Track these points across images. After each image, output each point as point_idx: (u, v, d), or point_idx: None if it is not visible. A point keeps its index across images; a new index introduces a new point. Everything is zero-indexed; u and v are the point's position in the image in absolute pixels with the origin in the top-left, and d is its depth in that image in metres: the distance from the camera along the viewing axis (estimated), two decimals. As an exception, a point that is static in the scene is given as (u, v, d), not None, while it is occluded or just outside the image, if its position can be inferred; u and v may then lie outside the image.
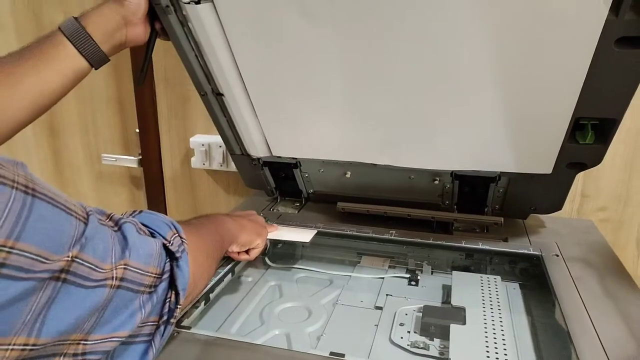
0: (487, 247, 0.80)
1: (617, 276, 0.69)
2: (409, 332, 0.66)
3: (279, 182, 0.98)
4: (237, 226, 0.71)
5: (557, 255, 0.75)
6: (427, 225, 0.88)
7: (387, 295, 0.77)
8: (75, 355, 0.35)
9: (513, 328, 0.64)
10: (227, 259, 0.76)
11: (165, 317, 0.43)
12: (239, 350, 0.53)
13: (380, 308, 0.73)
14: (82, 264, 0.33)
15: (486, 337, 0.61)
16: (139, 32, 0.65)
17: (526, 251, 0.78)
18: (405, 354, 0.62)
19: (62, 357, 0.34)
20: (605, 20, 0.44)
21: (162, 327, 0.43)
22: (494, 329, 0.63)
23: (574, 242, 0.81)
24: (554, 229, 0.86)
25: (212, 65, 0.72)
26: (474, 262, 0.84)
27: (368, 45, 0.59)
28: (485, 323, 0.64)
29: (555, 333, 0.60)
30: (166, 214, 1.26)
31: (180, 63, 0.74)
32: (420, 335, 0.65)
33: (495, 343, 0.60)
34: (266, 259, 0.86)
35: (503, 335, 0.62)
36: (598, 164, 0.66)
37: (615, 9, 0.43)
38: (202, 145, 1.11)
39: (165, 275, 0.43)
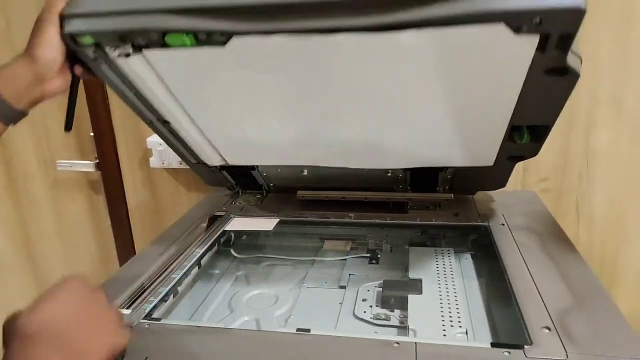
0: (440, 222, 0.85)
1: (557, 240, 0.75)
2: (371, 306, 0.70)
3: (238, 179, 0.99)
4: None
5: (503, 225, 0.81)
6: (383, 206, 0.93)
7: (349, 274, 0.81)
8: None
9: (465, 293, 0.69)
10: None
11: None
12: (209, 335, 0.56)
13: (343, 287, 0.77)
14: None
15: (441, 304, 0.66)
16: (57, 84, 0.58)
17: (475, 223, 0.84)
18: (368, 326, 0.66)
19: None
20: (533, 56, 0.50)
21: None
22: (448, 296, 0.68)
23: (519, 212, 0.87)
24: (500, 201, 0.92)
25: (152, 100, 0.69)
26: (429, 238, 0.89)
27: (309, 70, 0.59)
28: (440, 291, 0.69)
29: (502, 294, 0.65)
30: (128, 217, 1.26)
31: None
32: (382, 308, 0.69)
33: (449, 308, 0.65)
34: (231, 250, 0.88)
35: (457, 300, 0.67)
36: (535, 156, 0.72)
37: (541, 48, 0.48)
38: (160, 144, 1.11)
39: None
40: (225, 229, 0.87)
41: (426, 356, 0.50)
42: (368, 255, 0.87)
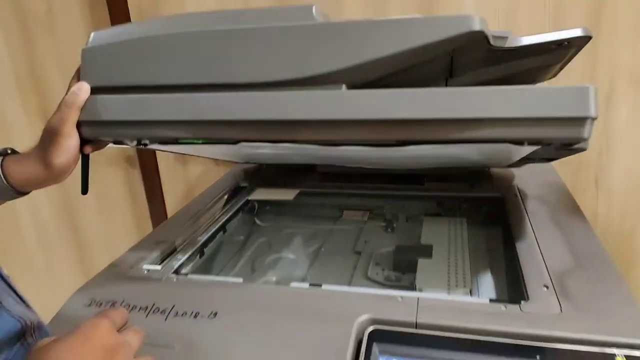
0: (454, 194, 0.88)
1: (567, 209, 0.77)
2: (383, 269, 0.74)
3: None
4: None
5: (516, 195, 0.83)
6: (401, 179, 0.96)
7: (365, 241, 0.85)
8: None
9: (473, 259, 0.72)
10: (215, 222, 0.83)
11: None
12: (229, 289, 0.61)
13: (359, 253, 0.81)
14: None
15: (449, 267, 0.69)
16: (68, 173, 0.59)
17: (489, 194, 0.86)
18: (379, 286, 0.70)
19: None
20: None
21: None
22: (456, 260, 0.71)
23: (533, 184, 0.88)
24: (516, 174, 0.94)
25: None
26: (444, 209, 0.92)
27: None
28: (449, 257, 0.72)
29: (508, 259, 0.68)
30: (161, 188, 1.33)
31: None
32: (393, 271, 0.74)
33: (456, 271, 0.68)
34: (255, 218, 0.93)
35: (464, 264, 0.70)
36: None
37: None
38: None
39: None
40: (249, 198, 0.93)
41: (427, 309, 0.53)
42: (384, 224, 0.91)
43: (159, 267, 0.67)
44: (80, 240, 1.49)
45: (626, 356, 0.45)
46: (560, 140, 0.49)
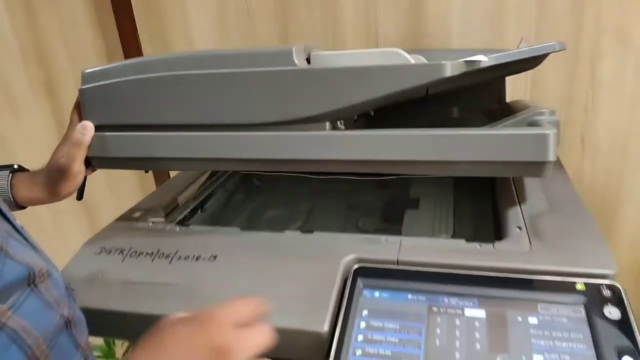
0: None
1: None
2: (374, 221, 0.79)
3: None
4: None
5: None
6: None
7: (358, 197, 0.89)
8: None
9: (458, 209, 0.77)
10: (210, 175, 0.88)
11: None
12: (226, 236, 0.66)
13: (351, 207, 0.86)
14: None
15: (434, 217, 0.74)
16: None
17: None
18: (367, 235, 0.75)
19: None
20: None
21: None
22: (441, 211, 0.76)
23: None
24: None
25: None
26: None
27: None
28: (435, 208, 0.77)
29: (488, 208, 0.72)
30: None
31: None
32: (383, 222, 0.78)
33: (441, 219, 0.73)
34: (254, 179, 0.98)
35: (448, 214, 0.74)
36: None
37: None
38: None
39: None
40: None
41: (408, 249, 0.58)
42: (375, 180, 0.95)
43: (162, 219, 0.72)
44: (90, 211, 1.54)
45: (585, 284, 0.50)
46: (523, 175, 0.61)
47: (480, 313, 0.49)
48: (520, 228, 0.60)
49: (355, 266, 0.56)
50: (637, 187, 1.05)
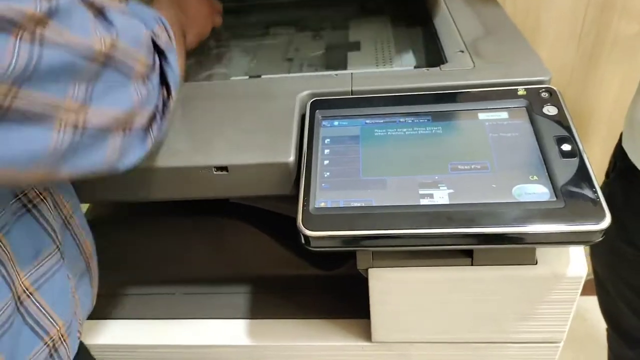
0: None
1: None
2: (316, 69, 0.78)
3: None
4: (189, 22, 0.62)
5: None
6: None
7: (296, 49, 0.87)
8: (75, 126, 0.35)
9: (395, 45, 0.77)
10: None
11: (160, 109, 0.45)
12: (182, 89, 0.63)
13: (291, 59, 0.84)
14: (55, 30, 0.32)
15: (376, 54, 0.75)
16: None
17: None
18: (318, 72, 0.74)
19: (61, 125, 0.34)
20: None
21: (158, 118, 0.45)
22: (382, 49, 0.76)
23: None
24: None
25: None
26: (369, 11, 0.95)
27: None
28: (376, 47, 0.77)
29: (429, 38, 0.74)
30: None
31: None
32: (326, 69, 0.78)
33: (383, 56, 0.74)
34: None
35: (390, 51, 0.75)
36: None
37: None
38: None
39: (156, 67, 0.43)
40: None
41: (360, 80, 0.59)
42: (312, 33, 0.92)
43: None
44: None
45: (525, 89, 0.54)
46: None
47: (436, 127, 0.53)
48: (462, 51, 0.63)
49: (312, 100, 0.56)
50: (552, 22, 1.10)
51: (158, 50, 0.44)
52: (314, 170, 0.50)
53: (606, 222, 0.42)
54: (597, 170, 0.48)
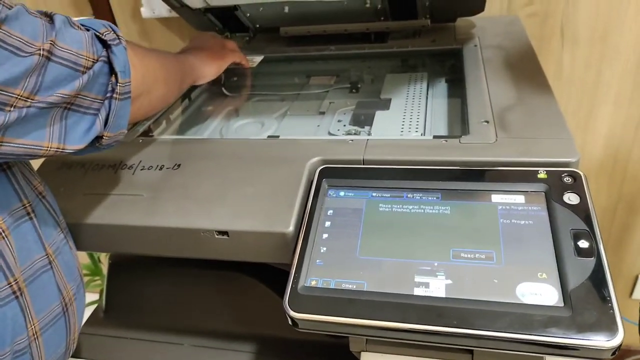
0: (414, 48, 0.88)
1: (522, 55, 0.78)
2: (345, 125, 0.78)
3: (224, 22, 1.02)
4: (198, 61, 0.72)
5: (476, 46, 0.84)
6: (365, 38, 0.95)
7: (330, 103, 0.87)
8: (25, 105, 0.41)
9: (429, 107, 0.75)
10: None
11: (108, 95, 0.48)
12: (192, 145, 0.65)
13: (323, 113, 0.84)
14: (10, 36, 0.39)
15: (404, 115, 0.73)
16: None
17: (449, 47, 0.86)
18: (334, 137, 0.74)
19: (11, 107, 0.40)
20: None
21: (106, 103, 0.48)
22: (412, 110, 0.74)
23: (495, 34, 0.88)
24: (481, 26, 0.93)
25: None
26: (409, 67, 0.93)
27: None
28: (406, 107, 0.75)
29: (459, 103, 0.71)
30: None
31: None
32: (353, 125, 0.77)
33: (411, 119, 0.71)
34: (223, 89, 0.94)
35: (419, 113, 0.73)
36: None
37: None
38: (149, -7, 1.13)
39: (102, 59, 0.47)
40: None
41: (374, 148, 0.57)
42: (349, 86, 0.92)
43: (125, 130, 0.69)
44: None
45: (547, 172, 0.50)
46: None
47: (444, 206, 0.50)
48: (487, 122, 0.59)
49: (320, 167, 0.55)
50: (616, 79, 1.03)
51: (104, 44, 0.48)
52: (310, 244, 0.48)
53: (618, 338, 0.37)
54: None
